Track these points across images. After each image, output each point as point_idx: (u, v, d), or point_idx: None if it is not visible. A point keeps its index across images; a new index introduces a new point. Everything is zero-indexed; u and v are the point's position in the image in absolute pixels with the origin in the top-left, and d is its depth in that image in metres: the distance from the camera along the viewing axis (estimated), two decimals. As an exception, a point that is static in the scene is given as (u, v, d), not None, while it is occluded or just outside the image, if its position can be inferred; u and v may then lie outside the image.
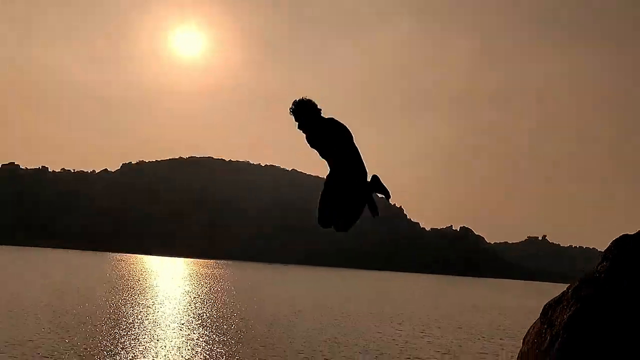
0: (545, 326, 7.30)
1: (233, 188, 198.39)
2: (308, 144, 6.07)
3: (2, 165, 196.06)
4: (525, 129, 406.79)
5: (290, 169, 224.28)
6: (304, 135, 6.05)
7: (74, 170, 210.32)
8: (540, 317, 7.69)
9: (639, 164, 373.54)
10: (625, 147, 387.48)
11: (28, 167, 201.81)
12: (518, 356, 7.96)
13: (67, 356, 18.90)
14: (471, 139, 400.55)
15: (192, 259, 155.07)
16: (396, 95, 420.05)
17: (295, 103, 5.93)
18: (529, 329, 8.02)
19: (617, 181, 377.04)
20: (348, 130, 5.94)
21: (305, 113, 5.92)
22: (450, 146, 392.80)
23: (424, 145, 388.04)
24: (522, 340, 8.22)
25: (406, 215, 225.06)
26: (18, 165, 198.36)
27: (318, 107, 5.95)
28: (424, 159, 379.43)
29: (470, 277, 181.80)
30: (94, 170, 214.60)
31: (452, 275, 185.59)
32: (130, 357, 19.49)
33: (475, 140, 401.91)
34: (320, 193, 6.09)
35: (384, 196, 6.25)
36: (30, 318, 26.61)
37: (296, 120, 5.94)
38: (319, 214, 6.07)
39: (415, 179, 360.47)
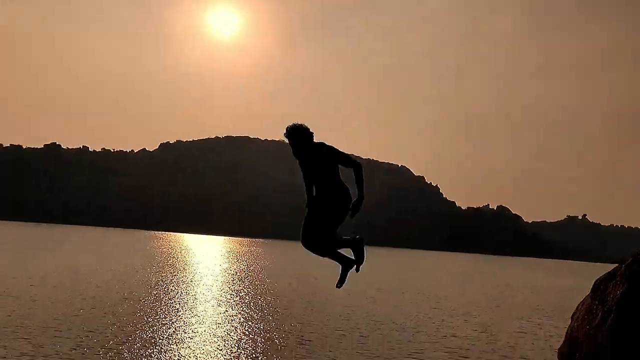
0: (597, 302, 7.05)
1: (269, 167, 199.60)
2: (300, 167, 6.34)
3: (44, 145, 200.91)
4: (565, 106, 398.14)
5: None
6: (297, 160, 6.33)
7: (113, 150, 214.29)
8: (590, 294, 7.44)
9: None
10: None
11: (70, 147, 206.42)
12: (567, 332, 7.72)
13: (110, 330, 19.28)
14: (511, 116, 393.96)
15: (228, 237, 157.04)
16: (432, 71, 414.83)
17: (288, 129, 6.22)
18: (578, 306, 7.78)
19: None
20: (337, 150, 6.16)
21: (297, 138, 6.20)
22: (488, 124, 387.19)
23: (461, 123, 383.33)
24: (570, 317, 7.97)
25: (442, 194, 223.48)
26: (60, 145, 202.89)
27: (310, 131, 6.22)
28: (460, 138, 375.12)
29: (508, 257, 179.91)
30: (132, 150, 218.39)
31: (489, 254, 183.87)
32: (170, 332, 19.78)
33: (513, 117, 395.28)
34: (305, 217, 6.26)
35: (356, 263, 6.76)
36: (71, 295, 27.24)
37: (290, 144, 6.23)
38: (304, 234, 6.23)
39: (452, 157, 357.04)
